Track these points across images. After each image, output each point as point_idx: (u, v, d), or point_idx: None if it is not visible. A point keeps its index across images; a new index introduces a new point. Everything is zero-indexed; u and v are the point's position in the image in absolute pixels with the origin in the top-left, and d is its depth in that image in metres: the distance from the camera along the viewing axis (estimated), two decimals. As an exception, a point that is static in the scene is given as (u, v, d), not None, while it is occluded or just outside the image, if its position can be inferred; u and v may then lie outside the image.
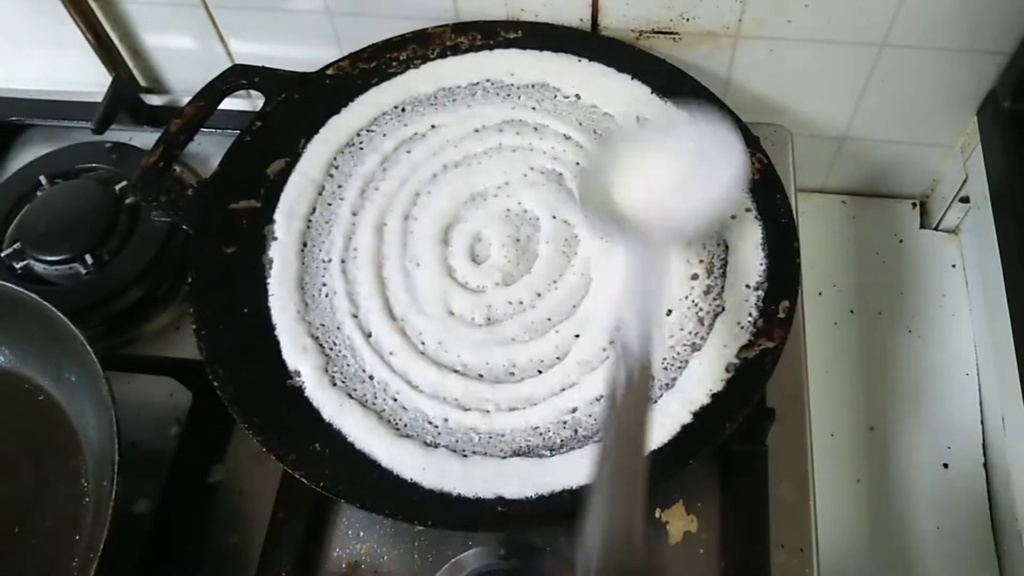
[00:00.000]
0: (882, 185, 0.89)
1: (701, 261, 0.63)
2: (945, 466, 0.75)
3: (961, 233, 0.86)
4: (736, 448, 0.62)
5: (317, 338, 0.62)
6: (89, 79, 0.87)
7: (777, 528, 0.61)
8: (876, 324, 0.83)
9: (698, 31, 0.74)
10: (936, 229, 0.88)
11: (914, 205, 0.89)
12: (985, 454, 0.75)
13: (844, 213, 0.89)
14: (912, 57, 0.73)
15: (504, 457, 0.57)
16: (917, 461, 0.76)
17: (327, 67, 0.74)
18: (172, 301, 0.76)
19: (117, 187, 0.78)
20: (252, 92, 0.77)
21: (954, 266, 0.85)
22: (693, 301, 0.62)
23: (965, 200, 0.83)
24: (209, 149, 0.83)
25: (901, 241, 0.87)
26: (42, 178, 0.80)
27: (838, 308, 0.84)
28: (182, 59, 0.88)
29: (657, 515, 0.62)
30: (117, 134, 0.85)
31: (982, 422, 0.76)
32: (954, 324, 0.82)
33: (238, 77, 0.73)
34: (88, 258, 0.74)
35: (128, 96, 0.86)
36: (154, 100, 0.89)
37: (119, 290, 0.73)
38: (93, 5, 0.82)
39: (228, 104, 0.75)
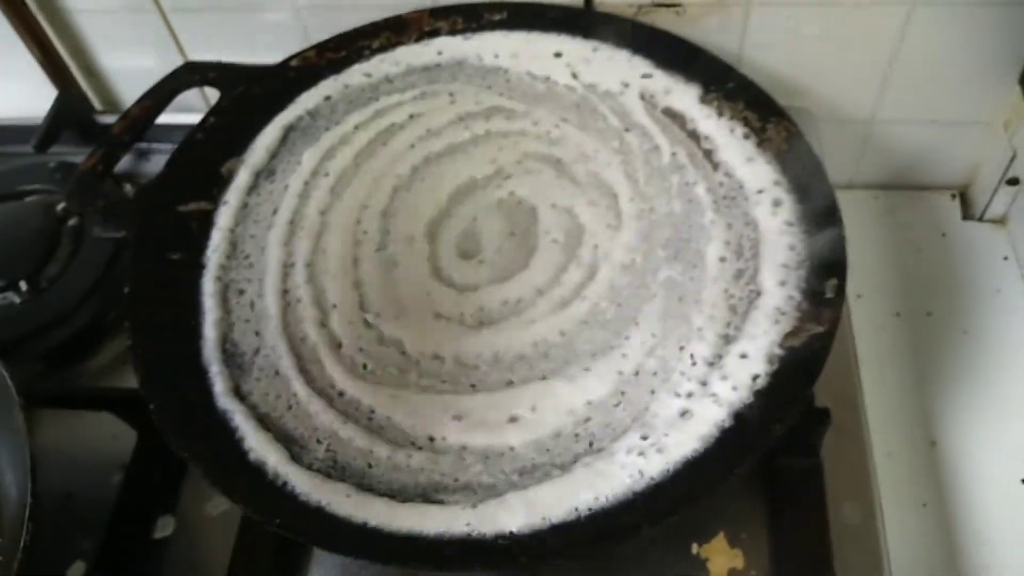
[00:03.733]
0: (916, 176, 0.80)
1: (727, 243, 0.54)
2: (1023, 481, 0.64)
3: (1009, 221, 0.77)
4: (785, 462, 0.52)
5: (276, 351, 0.53)
6: (39, 98, 0.79)
7: (840, 558, 0.50)
8: (926, 326, 0.73)
9: (704, 1, 0.66)
10: (981, 220, 0.79)
11: (953, 196, 0.80)
12: (1068, 464, 0.64)
13: (877, 209, 0.80)
14: (945, 16, 0.65)
15: (504, 479, 0.46)
16: (989, 477, 0.65)
17: (290, 58, 0.67)
18: (120, 331, 0.66)
19: (59, 208, 0.70)
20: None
21: (1006, 258, 0.76)
22: (723, 288, 0.52)
23: (1013, 182, 0.74)
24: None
25: (943, 235, 0.78)
26: (-20, 201, 0.72)
27: (882, 312, 0.74)
28: (139, 78, 0.80)
29: (694, 551, 0.51)
30: (67, 155, 0.77)
31: (1059, 428, 0.66)
32: (1013, 321, 0.72)
33: (191, 74, 0.66)
34: (23, 285, 0.66)
35: (75, 113, 0.78)
36: (108, 119, 0.81)
37: (58, 319, 0.65)
38: (43, 22, 0.76)
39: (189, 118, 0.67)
